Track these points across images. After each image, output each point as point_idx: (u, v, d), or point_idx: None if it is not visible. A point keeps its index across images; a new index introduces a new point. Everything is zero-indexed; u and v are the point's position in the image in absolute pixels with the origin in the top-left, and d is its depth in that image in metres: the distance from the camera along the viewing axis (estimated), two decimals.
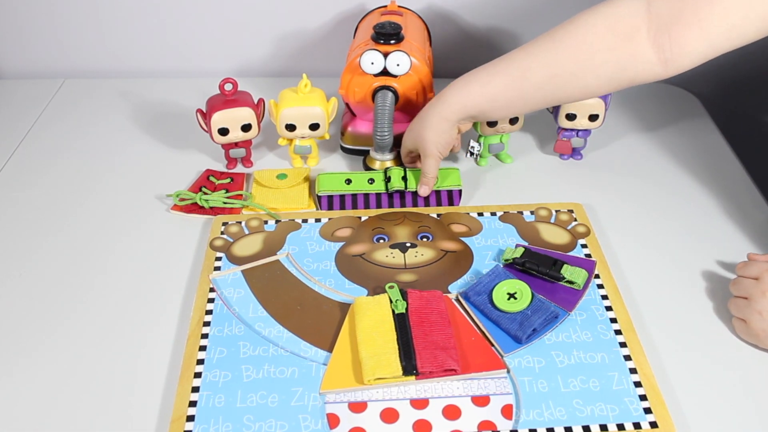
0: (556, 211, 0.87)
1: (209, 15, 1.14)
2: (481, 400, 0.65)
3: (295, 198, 0.89)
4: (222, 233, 0.83)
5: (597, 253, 0.81)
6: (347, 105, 0.97)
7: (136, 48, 1.18)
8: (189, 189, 0.90)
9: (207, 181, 0.92)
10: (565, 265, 0.76)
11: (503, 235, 0.83)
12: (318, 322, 0.72)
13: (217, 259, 0.80)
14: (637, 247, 0.83)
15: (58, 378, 0.68)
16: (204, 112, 0.91)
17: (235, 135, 0.92)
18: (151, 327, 0.73)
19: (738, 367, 0.70)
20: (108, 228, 0.86)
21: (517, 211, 0.87)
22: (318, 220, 0.86)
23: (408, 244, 0.82)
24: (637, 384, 0.66)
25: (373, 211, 0.87)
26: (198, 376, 0.67)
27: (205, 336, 0.71)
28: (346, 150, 0.99)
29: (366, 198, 0.88)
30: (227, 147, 0.94)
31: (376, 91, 0.90)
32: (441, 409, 0.64)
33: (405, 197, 0.89)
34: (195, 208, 0.88)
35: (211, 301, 0.75)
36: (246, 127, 0.92)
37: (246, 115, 0.91)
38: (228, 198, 0.88)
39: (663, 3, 0.71)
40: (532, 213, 0.87)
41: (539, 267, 0.76)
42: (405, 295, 0.73)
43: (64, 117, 1.08)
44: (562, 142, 0.96)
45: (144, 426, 0.64)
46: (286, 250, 0.81)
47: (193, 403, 0.64)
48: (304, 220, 0.86)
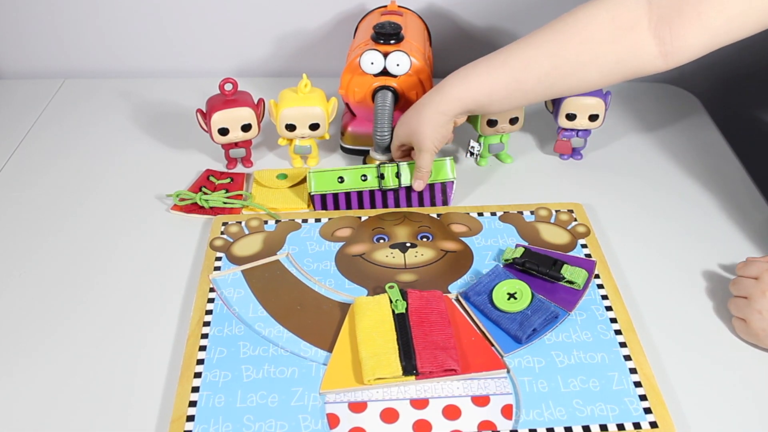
0: (556, 211, 0.87)
1: (209, 15, 1.14)
2: (481, 400, 0.65)
3: (295, 198, 0.89)
4: (222, 233, 0.83)
5: (597, 253, 0.81)
6: (347, 105, 0.97)
7: (136, 48, 1.18)
8: (189, 189, 0.90)
9: (207, 181, 0.92)
10: (565, 265, 0.76)
11: (503, 235, 0.83)
12: (318, 322, 0.72)
13: (217, 259, 0.80)
14: (637, 247, 0.83)
15: (58, 378, 0.68)
16: (204, 112, 0.91)
17: (235, 135, 0.92)
18: (151, 327, 0.73)
19: (738, 367, 0.69)
20: (108, 228, 0.86)
21: (517, 211, 0.87)
22: (318, 220, 0.86)
23: (408, 244, 0.82)
24: (637, 384, 0.66)
25: (373, 211, 0.87)
26: (198, 376, 0.67)
27: (205, 336, 0.71)
28: (346, 150, 0.99)
29: (360, 196, 0.88)
30: (227, 147, 0.94)
31: (376, 91, 0.90)
32: (441, 409, 0.64)
33: (399, 193, 0.88)
34: (195, 208, 0.88)
35: (211, 301, 0.75)
36: (246, 127, 0.92)
37: (246, 115, 0.91)
38: (228, 198, 0.88)
39: None
40: (532, 213, 0.87)
41: (539, 267, 0.76)
42: (405, 295, 0.73)
43: (64, 117, 1.08)
44: (562, 142, 0.96)
45: (144, 426, 0.64)
46: (286, 250, 0.81)
47: (193, 403, 0.64)
48: (304, 220, 0.86)
